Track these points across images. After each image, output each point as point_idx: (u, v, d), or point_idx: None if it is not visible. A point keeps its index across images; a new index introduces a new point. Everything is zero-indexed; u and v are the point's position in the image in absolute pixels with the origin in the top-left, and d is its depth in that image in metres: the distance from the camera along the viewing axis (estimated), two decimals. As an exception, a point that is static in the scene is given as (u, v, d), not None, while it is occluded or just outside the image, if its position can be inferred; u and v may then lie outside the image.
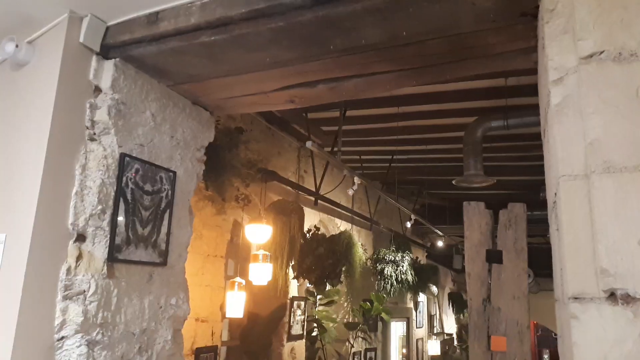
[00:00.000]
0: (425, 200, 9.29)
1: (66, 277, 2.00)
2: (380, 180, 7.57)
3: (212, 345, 4.24)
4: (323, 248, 5.44)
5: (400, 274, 7.62)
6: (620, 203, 1.26)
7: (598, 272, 1.26)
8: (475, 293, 1.99)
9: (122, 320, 2.19)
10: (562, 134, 1.40)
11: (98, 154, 2.17)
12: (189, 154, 2.68)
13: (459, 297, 12.74)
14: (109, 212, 2.17)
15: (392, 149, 6.30)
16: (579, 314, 1.27)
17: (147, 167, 2.39)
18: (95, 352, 2.04)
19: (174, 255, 2.53)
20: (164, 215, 2.47)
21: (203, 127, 2.81)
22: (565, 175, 1.37)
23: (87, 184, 2.12)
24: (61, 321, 1.97)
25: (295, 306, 5.56)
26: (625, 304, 1.21)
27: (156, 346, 2.36)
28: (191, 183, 2.71)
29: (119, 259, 2.18)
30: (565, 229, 1.33)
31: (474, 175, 4.02)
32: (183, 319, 2.57)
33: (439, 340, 11.24)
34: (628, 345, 1.19)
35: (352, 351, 7.01)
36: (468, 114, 4.76)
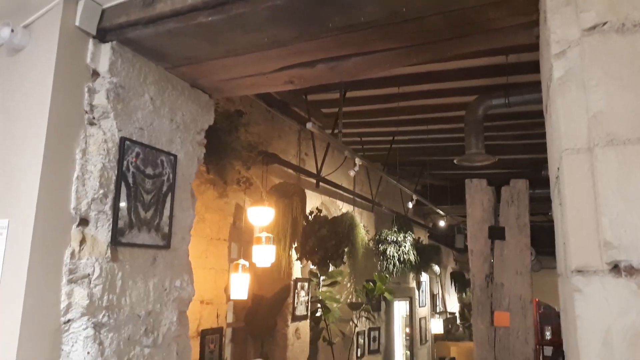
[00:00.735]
0: (426, 181, 9.28)
1: (70, 261, 2.01)
2: (382, 161, 7.55)
3: (217, 327, 4.28)
4: (325, 229, 5.46)
5: (402, 254, 7.66)
6: (623, 175, 1.25)
7: (601, 245, 1.26)
8: (478, 269, 2.00)
9: (128, 303, 2.20)
10: (564, 107, 1.39)
11: (98, 138, 2.17)
12: (189, 137, 2.67)
13: (461, 276, 12.82)
14: (111, 196, 2.17)
15: (393, 129, 6.27)
16: (582, 286, 1.27)
17: (148, 150, 2.38)
18: (102, 334, 2.06)
19: (177, 238, 2.53)
20: (166, 198, 2.47)
21: (202, 110, 2.79)
22: (568, 149, 1.36)
23: (88, 168, 2.12)
24: (67, 304, 1.98)
25: (299, 287, 5.60)
26: (629, 275, 1.21)
27: (162, 328, 2.39)
28: (192, 166, 2.71)
29: (123, 242, 2.19)
30: (569, 202, 1.33)
31: (475, 154, 4.01)
32: (188, 300, 2.59)
33: (441, 318, 11.36)
34: (632, 317, 1.20)
35: (356, 330, 7.09)
36: (469, 93, 4.73)
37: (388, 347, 8.30)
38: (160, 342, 2.37)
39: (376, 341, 7.78)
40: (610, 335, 1.21)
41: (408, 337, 9.83)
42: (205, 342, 4.09)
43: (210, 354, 4.13)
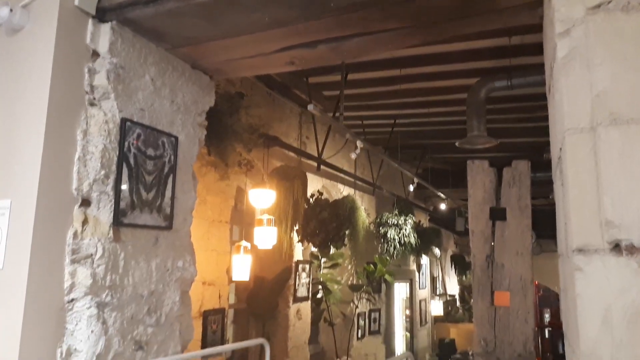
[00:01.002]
0: (428, 164, 9.27)
1: (73, 241, 2.02)
2: (383, 145, 7.53)
3: (219, 307, 4.32)
4: (327, 212, 5.47)
5: (403, 237, 7.68)
6: (626, 154, 1.25)
7: (603, 224, 1.26)
8: (479, 250, 2.01)
9: (130, 283, 2.22)
10: (568, 86, 1.38)
11: (99, 119, 2.16)
12: (190, 119, 2.66)
13: (462, 259, 12.89)
14: (113, 177, 2.17)
15: (395, 112, 6.24)
16: (583, 265, 1.28)
17: (149, 132, 2.38)
18: (105, 313, 2.09)
19: (179, 219, 2.54)
20: (167, 180, 2.47)
21: (203, 92, 2.78)
22: (571, 128, 1.36)
23: (89, 149, 2.12)
24: (70, 284, 2.00)
25: (300, 269, 5.64)
26: (630, 254, 1.22)
27: (165, 307, 2.41)
28: (193, 148, 2.70)
29: (125, 223, 2.20)
30: (571, 182, 1.33)
31: (477, 136, 3.99)
32: (190, 281, 2.61)
33: (441, 301, 11.45)
34: (632, 295, 1.21)
35: (357, 312, 7.15)
36: (471, 75, 4.69)
37: (388, 328, 8.38)
38: (163, 321, 2.40)
39: (376, 322, 7.86)
40: (610, 314, 1.22)
41: (408, 318, 9.92)
42: (208, 322, 4.13)
43: (213, 334, 4.17)
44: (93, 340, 2.02)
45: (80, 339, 2.01)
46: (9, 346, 1.83)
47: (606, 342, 1.22)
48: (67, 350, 1.99)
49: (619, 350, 1.19)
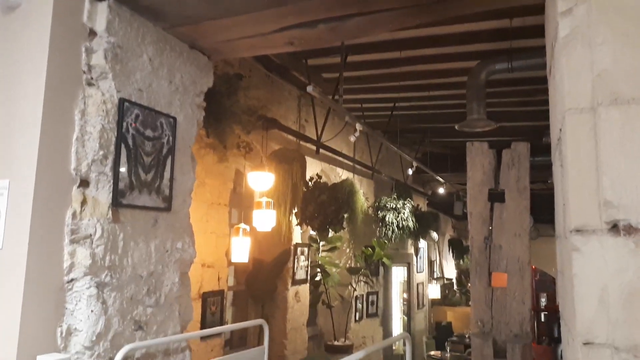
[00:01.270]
0: (427, 149, 9.26)
1: (72, 221, 2.02)
2: (382, 129, 7.51)
3: (218, 289, 4.35)
4: (325, 195, 5.47)
5: (401, 221, 7.71)
6: (626, 135, 1.25)
7: (601, 204, 1.26)
8: (477, 232, 2.01)
9: (130, 263, 2.23)
10: (569, 66, 1.37)
11: (97, 99, 2.15)
12: (188, 100, 2.65)
13: (459, 243, 12.96)
14: (111, 157, 2.17)
15: (394, 96, 6.21)
16: (581, 245, 1.28)
17: (147, 112, 2.37)
18: (105, 293, 2.10)
19: (178, 200, 2.54)
20: (166, 161, 2.47)
21: (201, 72, 2.76)
22: (571, 108, 1.35)
23: (87, 129, 2.11)
24: (70, 264, 2.01)
25: (299, 252, 5.66)
26: (628, 234, 1.22)
27: (164, 288, 2.42)
28: (192, 129, 2.69)
29: (124, 204, 2.20)
30: (570, 162, 1.33)
31: (476, 119, 3.98)
32: (189, 262, 2.62)
33: (439, 284, 11.54)
34: (629, 275, 1.21)
35: (355, 295, 7.20)
36: (472, 58, 4.66)
37: (386, 311, 8.46)
38: (163, 302, 2.41)
39: (374, 305, 7.92)
40: (607, 293, 1.23)
41: (405, 302, 10.01)
42: (207, 304, 4.16)
43: (212, 316, 4.20)
44: (93, 319, 2.03)
45: (80, 319, 2.02)
46: (9, 326, 1.84)
47: (602, 322, 1.23)
48: (67, 330, 2.00)
49: (615, 330, 1.20)
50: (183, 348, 2.53)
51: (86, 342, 2.00)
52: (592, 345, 1.23)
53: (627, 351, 1.18)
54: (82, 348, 2.00)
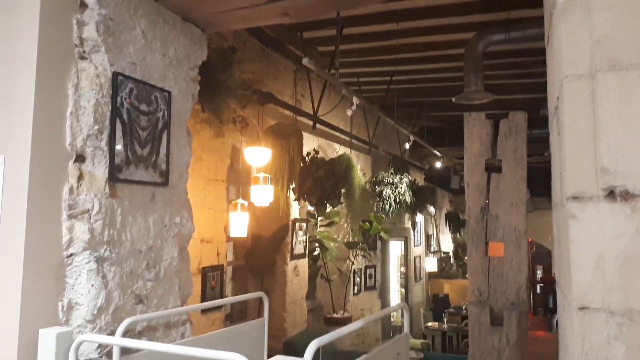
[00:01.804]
0: (424, 123, 9.23)
1: (69, 196, 2.02)
2: (379, 103, 7.47)
3: (218, 264, 4.38)
4: (323, 170, 5.47)
5: (398, 195, 7.74)
6: (624, 101, 1.24)
7: (598, 171, 1.26)
8: (473, 202, 2.02)
9: (128, 238, 2.24)
10: (567, 32, 1.36)
11: (90, 73, 2.12)
12: (182, 73, 2.62)
13: (456, 216, 13.03)
14: (106, 132, 2.15)
15: (391, 69, 6.15)
16: (577, 212, 1.29)
17: (141, 86, 2.34)
18: (105, 267, 2.11)
19: (175, 175, 2.54)
20: (161, 135, 2.45)
21: (195, 45, 2.72)
22: (569, 75, 1.34)
23: (81, 103, 2.09)
24: (68, 239, 2.01)
25: (297, 228, 5.69)
26: (624, 200, 1.22)
27: (163, 262, 2.44)
28: (187, 103, 2.67)
29: (120, 178, 2.19)
30: (567, 129, 1.32)
31: (474, 91, 3.95)
32: (188, 237, 2.63)
33: (435, 257, 11.65)
34: (624, 240, 1.22)
35: (353, 268, 7.28)
36: (469, 29, 4.60)
37: (383, 284, 8.56)
38: (162, 276, 2.43)
39: (372, 278, 8.01)
40: (603, 259, 1.24)
41: (403, 275, 10.12)
42: (207, 279, 4.19)
43: (212, 290, 4.24)
44: (93, 293, 2.05)
45: (80, 293, 2.04)
46: (11, 300, 1.86)
47: (598, 287, 1.24)
48: (69, 304, 2.02)
49: (610, 294, 1.22)
50: (184, 321, 2.56)
51: (87, 316, 2.02)
52: (588, 310, 1.25)
53: (622, 315, 1.20)
54: (83, 321, 2.02)
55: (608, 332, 1.20)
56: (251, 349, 2.57)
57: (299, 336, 5.26)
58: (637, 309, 1.18)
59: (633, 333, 1.18)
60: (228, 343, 2.40)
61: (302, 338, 5.04)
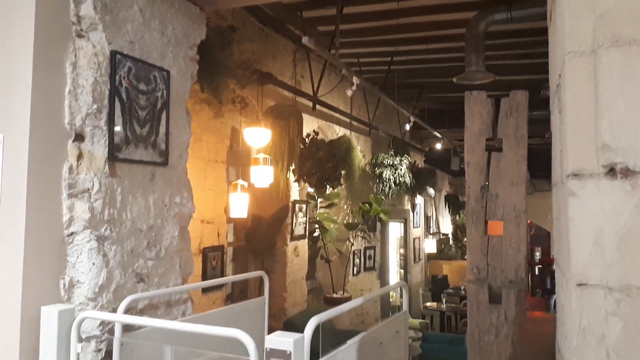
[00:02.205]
0: (424, 105, 9.18)
1: (69, 175, 2.02)
2: (379, 84, 7.42)
3: (218, 245, 4.40)
4: (322, 152, 5.47)
5: (398, 177, 7.74)
6: (626, 77, 1.23)
7: (599, 148, 1.26)
8: (473, 181, 2.01)
9: (129, 217, 2.24)
10: (570, 8, 1.34)
11: (88, 51, 2.10)
12: (181, 52, 2.60)
13: (456, 198, 13.06)
14: (105, 111, 2.14)
15: (392, 49, 6.10)
16: (577, 190, 1.29)
17: (140, 65, 2.32)
18: (106, 246, 2.12)
19: (174, 155, 2.54)
20: (160, 115, 2.44)
21: (194, 24, 2.69)
22: (571, 51, 1.33)
23: (79, 82, 2.07)
24: (69, 218, 2.02)
25: (297, 209, 5.71)
26: (624, 177, 1.22)
27: (164, 242, 2.45)
28: (186, 83, 2.65)
29: (120, 158, 2.19)
30: (569, 106, 1.32)
31: (475, 71, 3.93)
32: (188, 216, 2.63)
33: (435, 239, 11.71)
34: (624, 217, 1.22)
35: (352, 249, 7.32)
36: (471, 8, 4.55)
37: (383, 265, 8.62)
38: (163, 255, 2.44)
39: (371, 259, 8.07)
40: (602, 237, 1.25)
41: (402, 256, 10.19)
42: (207, 259, 4.22)
43: (213, 270, 4.27)
44: (95, 272, 2.06)
45: (82, 271, 2.05)
46: (13, 278, 1.87)
47: (597, 263, 1.25)
48: (70, 282, 2.03)
49: (609, 270, 1.22)
50: (185, 299, 2.58)
51: (89, 294, 2.04)
52: (586, 286, 1.25)
53: (620, 291, 1.21)
54: (85, 299, 2.04)
55: (606, 308, 1.21)
56: (252, 326, 2.60)
57: (299, 315, 5.31)
58: (635, 285, 1.19)
59: (631, 309, 1.19)
60: (229, 321, 2.42)
61: (302, 317, 5.09)
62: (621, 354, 1.18)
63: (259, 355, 1.48)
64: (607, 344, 1.20)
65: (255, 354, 1.48)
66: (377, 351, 2.13)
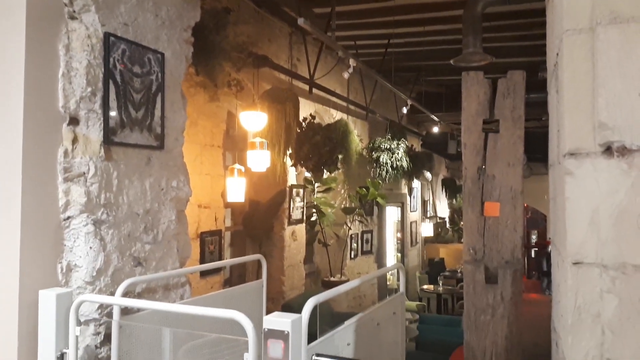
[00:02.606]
0: (422, 88, 9.14)
1: (64, 159, 2.00)
2: (376, 68, 7.37)
3: (216, 229, 4.40)
4: (319, 136, 5.45)
5: (395, 161, 7.74)
6: (624, 55, 1.22)
7: (596, 127, 1.25)
8: (470, 163, 2.01)
9: (125, 201, 2.24)
10: (569, -16, 1.33)
11: (81, 33, 2.07)
12: (175, 34, 2.57)
13: (452, 182, 13.09)
14: (99, 94, 2.12)
15: (389, 31, 6.04)
16: (574, 169, 1.29)
17: (134, 48, 2.29)
18: (103, 230, 2.12)
19: (170, 139, 2.52)
20: (156, 98, 2.42)
21: (188, 5, 2.66)
22: (569, 29, 1.32)
23: (73, 65, 2.05)
24: (65, 202, 2.01)
25: (294, 194, 5.71)
26: (621, 156, 1.22)
27: (161, 226, 2.45)
28: (180, 66, 2.63)
29: (115, 141, 2.18)
30: (566, 85, 1.31)
31: (472, 53, 3.90)
32: (185, 200, 2.63)
33: (432, 223, 11.75)
34: (620, 196, 1.22)
35: (350, 233, 7.34)
36: (468, -11, 4.50)
37: (380, 249, 8.66)
38: (161, 238, 2.44)
39: (369, 243, 8.10)
40: (598, 215, 1.25)
41: (399, 240, 10.23)
42: (205, 243, 4.23)
43: (211, 255, 4.29)
44: (92, 256, 2.06)
45: (79, 255, 2.05)
46: (10, 262, 1.87)
47: (592, 242, 1.25)
48: (67, 266, 2.03)
49: (604, 248, 1.23)
50: (183, 283, 2.59)
51: (87, 278, 2.04)
52: (582, 264, 1.26)
53: (615, 269, 1.22)
54: (83, 283, 2.04)
55: (601, 286, 1.22)
56: (250, 309, 2.61)
57: (297, 298, 5.35)
58: (631, 263, 1.20)
59: (626, 286, 1.20)
60: (227, 304, 2.43)
61: (300, 300, 5.12)
62: (616, 331, 1.19)
63: (256, 336, 1.49)
64: (602, 321, 1.21)
65: (253, 335, 1.48)
66: (375, 332, 2.15)
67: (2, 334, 1.87)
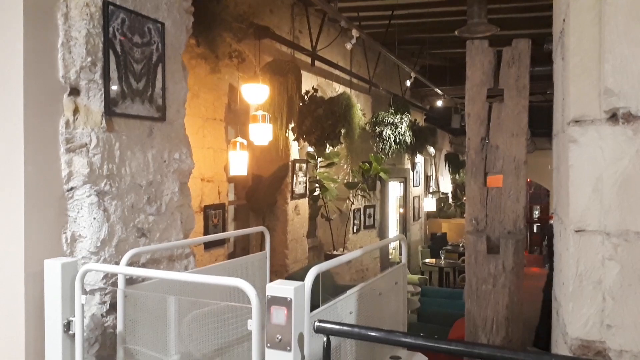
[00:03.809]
0: (425, 62, 9.03)
1: (66, 130, 2.00)
2: (380, 40, 7.27)
3: (219, 203, 4.42)
4: (322, 109, 5.42)
5: (398, 136, 7.70)
6: (632, 19, 1.20)
7: (602, 93, 1.24)
8: (474, 133, 2.00)
9: (128, 173, 2.24)
10: (578, -53, 1.29)
11: (79, 2, 2.04)
12: (175, 3, 2.53)
13: (456, 157, 13.06)
14: (100, 64, 2.10)
15: (392, 2, 5.94)
16: (578, 136, 1.27)
17: (134, 17, 2.26)
18: (106, 201, 2.12)
19: (172, 110, 2.51)
20: (156, 69, 2.40)
21: (188, -26, 2.61)
22: (577, -7, 1.29)
23: (72, 34, 2.02)
24: (68, 173, 2.01)
25: (297, 168, 5.70)
26: (626, 122, 1.21)
27: (164, 197, 2.45)
28: (181, 36, 2.60)
29: (117, 112, 2.17)
30: (572, 50, 1.29)
31: (477, 23, 3.84)
32: (188, 172, 2.63)
33: (434, 198, 11.77)
34: (624, 163, 1.22)
35: (352, 208, 7.37)
36: (474, -42, 4.40)
37: (382, 223, 8.70)
38: (164, 210, 2.45)
39: (371, 218, 8.14)
40: (601, 182, 1.24)
41: (402, 215, 10.27)
42: (209, 217, 4.25)
43: (214, 228, 4.31)
44: (96, 226, 2.07)
45: (83, 226, 2.06)
46: (15, 233, 1.88)
47: (595, 209, 1.25)
48: (72, 236, 2.05)
49: (607, 216, 1.23)
50: (187, 254, 2.61)
51: (91, 248, 2.06)
52: (584, 232, 1.26)
53: (617, 236, 1.22)
54: (87, 253, 2.06)
55: (603, 254, 1.22)
56: (254, 279, 2.63)
57: (300, 271, 5.40)
58: (634, 230, 1.19)
59: (628, 253, 1.20)
60: (231, 274, 2.44)
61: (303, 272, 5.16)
62: (617, 297, 1.20)
63: (260, 303, 1.51)
64: (603, 288, 1.22)
65: (257, 302, 1.50)
66: (376, 301, 2.17)
67: (10, 302, 1.90)
